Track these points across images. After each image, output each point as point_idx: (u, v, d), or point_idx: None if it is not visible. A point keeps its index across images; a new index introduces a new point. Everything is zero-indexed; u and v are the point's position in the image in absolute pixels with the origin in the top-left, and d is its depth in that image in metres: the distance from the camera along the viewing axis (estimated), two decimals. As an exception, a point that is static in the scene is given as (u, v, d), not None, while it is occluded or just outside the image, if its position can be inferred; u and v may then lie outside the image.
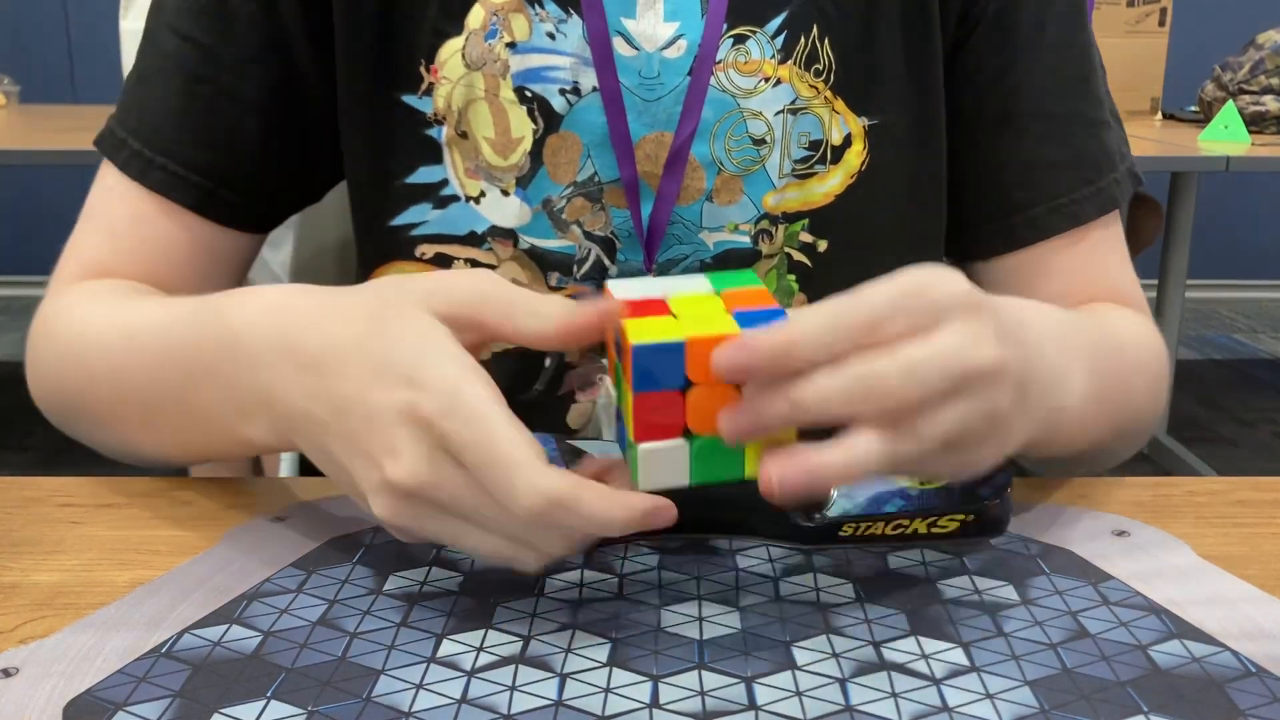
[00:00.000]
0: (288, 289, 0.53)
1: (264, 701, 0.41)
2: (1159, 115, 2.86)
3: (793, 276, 0.68)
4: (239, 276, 0.72)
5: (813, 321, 0.42)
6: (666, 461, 0.44)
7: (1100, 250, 0.72)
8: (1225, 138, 2.43)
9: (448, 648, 0.45)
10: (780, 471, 0.42)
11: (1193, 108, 2.96)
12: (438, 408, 0.44)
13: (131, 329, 0.60)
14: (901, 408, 0.43)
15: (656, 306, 0.45)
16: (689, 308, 0.45)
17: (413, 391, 0.44)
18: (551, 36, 0.66)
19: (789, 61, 0.67)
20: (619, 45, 0.66)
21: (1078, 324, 0.59)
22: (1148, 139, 2.50)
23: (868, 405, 0.42)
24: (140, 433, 0.61)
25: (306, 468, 0.89)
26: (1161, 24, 2.74)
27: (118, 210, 0.68)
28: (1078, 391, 0.54)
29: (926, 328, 0.43)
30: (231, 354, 0.53)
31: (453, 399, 0.44)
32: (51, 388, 0.66)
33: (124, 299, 0.65)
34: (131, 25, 1.83)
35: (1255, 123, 2.58)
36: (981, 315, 0.44)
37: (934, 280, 0.44)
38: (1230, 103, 2.53)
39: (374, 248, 0.70)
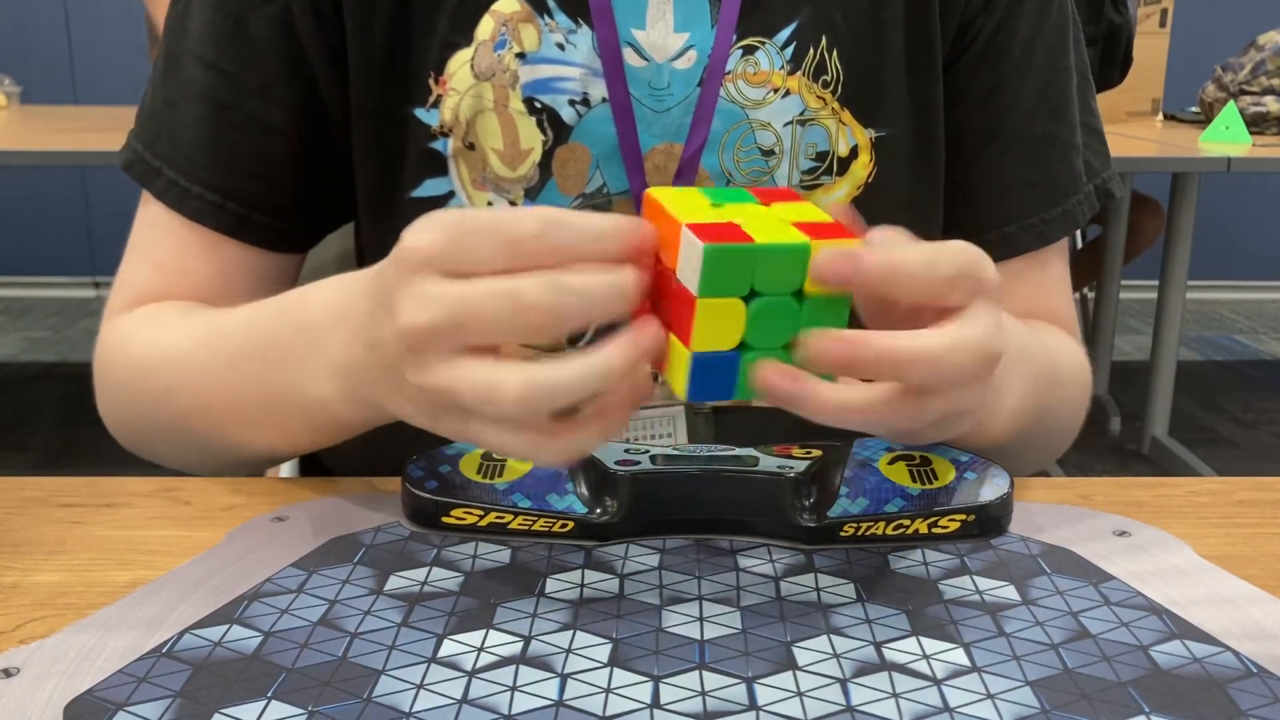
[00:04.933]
0: (349, 274, 0.55)
1: (264, 702, 0.41)
2: (1160, 116, 2.86)
3: None
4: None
5: (916, 260, 0.43)
6: (718, 372, 0.44)
7: (1051, 270, 0.74)
8: (1226, 138, 2.43)
9: (448, 648, 0.45)
10: (772, 382, 0.43)
11: (1193, 108, 2.96)
12: (426, 249, 0.44)
13: (203, 338, 0.62)
14: (937, 385, 0.44)
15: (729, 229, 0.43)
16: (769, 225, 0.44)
17: (403, 261, 0.45)
18: (561, 47, 0.66)
19: (798, 72, 0.67)
20: (629, 56, 0.66)
21: (1027, 337, 0.62)
22: (1148, 140, 2.50)
23: (912, 376, 0.44)
24: (221, 435, 0.62)
25: (306, 468, 0.89)
26: (1162, 25, 2.74)
27: (161, 241, 0.69)
28: (1015, 394, 0.58)
29: (966, 305, 0.45)
30: (304, 336, 0.55)
31: (434, 234, 0.44)
32: (126, 410, 0.68)
33: (187, 315, 0.66)
34: None
35: (1256, 123, 2.58)
36: (998, 302, 0.47)
37: (984, 258, 0.46)
38: (1231, 103, 2.53)
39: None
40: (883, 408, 0.44)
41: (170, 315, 0.67)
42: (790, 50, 0.67)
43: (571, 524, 0.54)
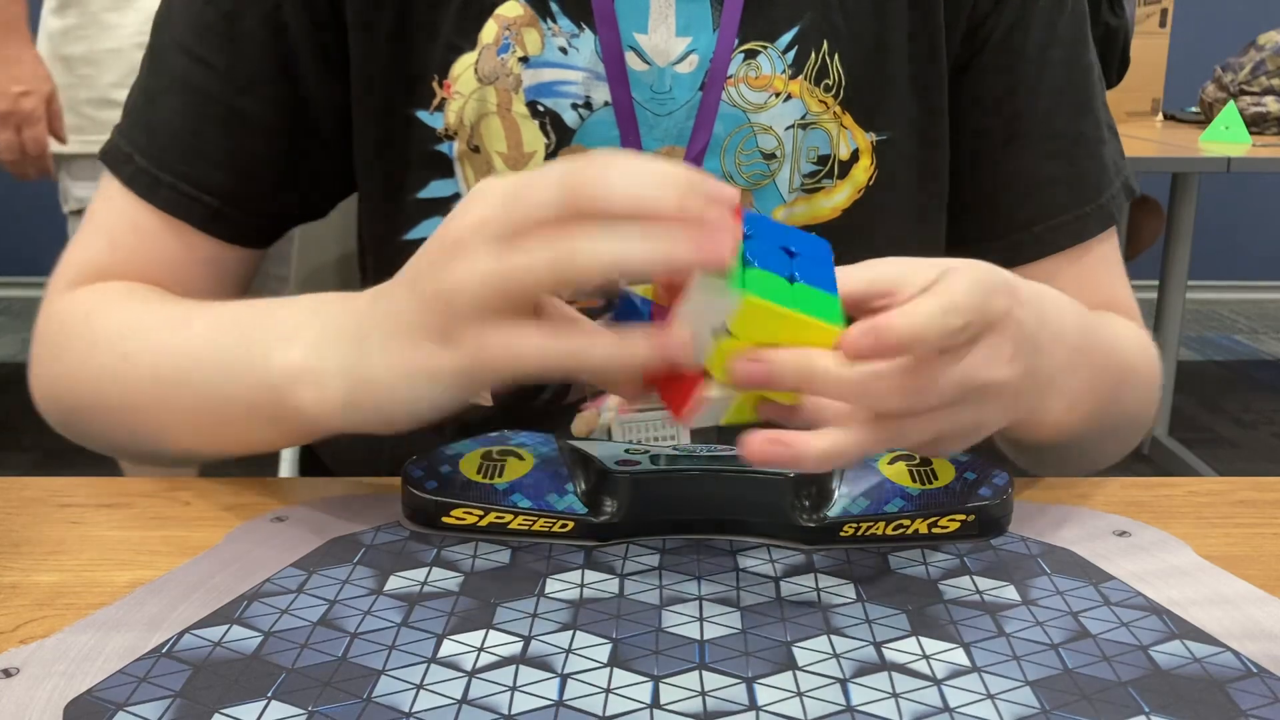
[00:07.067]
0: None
1: (264, 702, 0.41)
2: (1160, 116, 2.87)
3: None
4: (241, 289, 0.72)
5: (932, 323, 0.44)
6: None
7: (1099, 265, 0.73)
8: (1226, 138, 2.43)
9: (448, 648, 0.45)
10: (764, 452, 0.45)
11: (1194, 108, 2.96)
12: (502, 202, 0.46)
13: (181, 314, 0.62)
14: (913, 412, 0.46)
15: None
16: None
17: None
18: (564, 51, 0.66)
19: (799, 76, 0.67)
20: (631, 60, 0.66)
21: (1089, 327, 0.60)
22: (1149, 140, 2.50)
23: (888, 405, 0.45)
24: (162, 411, 0.60)
25: (306, 468, 0.89)
26: (1162, 25, 2.74)
27: (120, 223, 0.68)
28: (1072, 391, 0.57)
29: (971, 339, 0.46)
30: (294, 308, 0.56)
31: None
32: (70, 383, 0.66)
33: (158, 296, 0.65)
34: (62, 23, 1.77)
35: (1256, 123, 2.58)
36: (1008, 330, 0.47)
37: (993, 286, 0.47)
38: (1231, 103, 2.54)
39: (387, 263, 0.70)
40: (861, 439, 0.46)
41: (140, 291, 0.66)
42: (792, 54, 0.67)
43: (571, 524, 0.54)
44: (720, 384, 0.46)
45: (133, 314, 0.64)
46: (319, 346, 0.53)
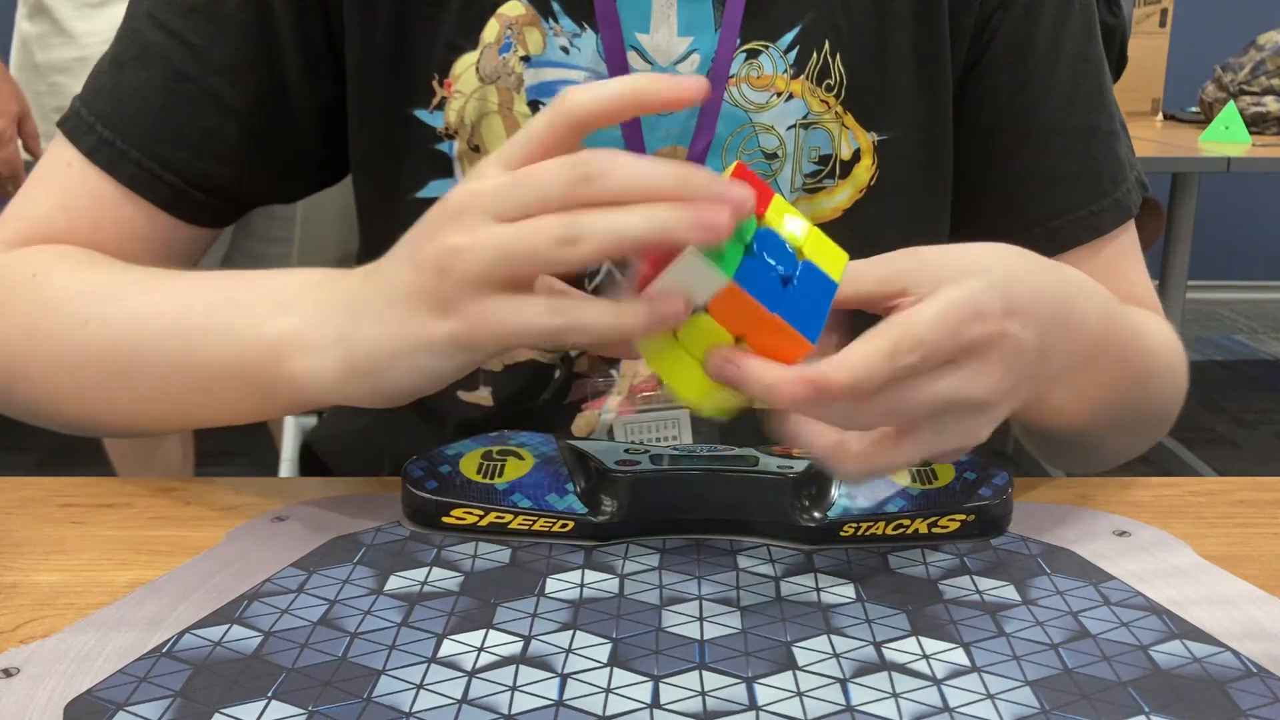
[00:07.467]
0: None
1: (264, 702, 0.41)
2: (1160, 116, 2.87)
3: None
4: (190, 264, 0.70)
5: (873, 361, 0.44)
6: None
7: (1118, 258, 0.72)
8: (1226, 138, 2.43)
9: (448, 648, 0.45)
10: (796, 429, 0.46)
11: (1194, 108, 2.96)
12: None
13: (154, 280, 0.61)
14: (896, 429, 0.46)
15: None
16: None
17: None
18: (565, 50, 0.66)
19: (801, 76, 0.67)
20: (633, 59, 0.66)
21: (1113, 319, 0.59)
22: (1149, 139, 2.50)
23: (872, 425, 0.46)
24: (144, 382, 0.59)
25: (306, 468, 0.89)
26: (1162, 25, 2.74)
27: (76, 188, 0.66)
28: (1085, 383, 0.56)
29: (950, 361, 0.46)
30: (293, 278, 0.55)
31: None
32: (11, 353, 0.62)
33: (109, 263, 0.64)
34: (33, 30, 1.75)
35: (1256, 123, 2.58)
36: (993, 352, 0.47)
37: (974, 311, 0.46)
38: (1231, 103, 2.53)
39: None
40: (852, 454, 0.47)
41: (93, 256, 0.64)
42: (794, 54, 0.67)
43: (571, 524, 0.54)
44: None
45: (92, 278, 0.62)
46: (314, 317, 0.53)
